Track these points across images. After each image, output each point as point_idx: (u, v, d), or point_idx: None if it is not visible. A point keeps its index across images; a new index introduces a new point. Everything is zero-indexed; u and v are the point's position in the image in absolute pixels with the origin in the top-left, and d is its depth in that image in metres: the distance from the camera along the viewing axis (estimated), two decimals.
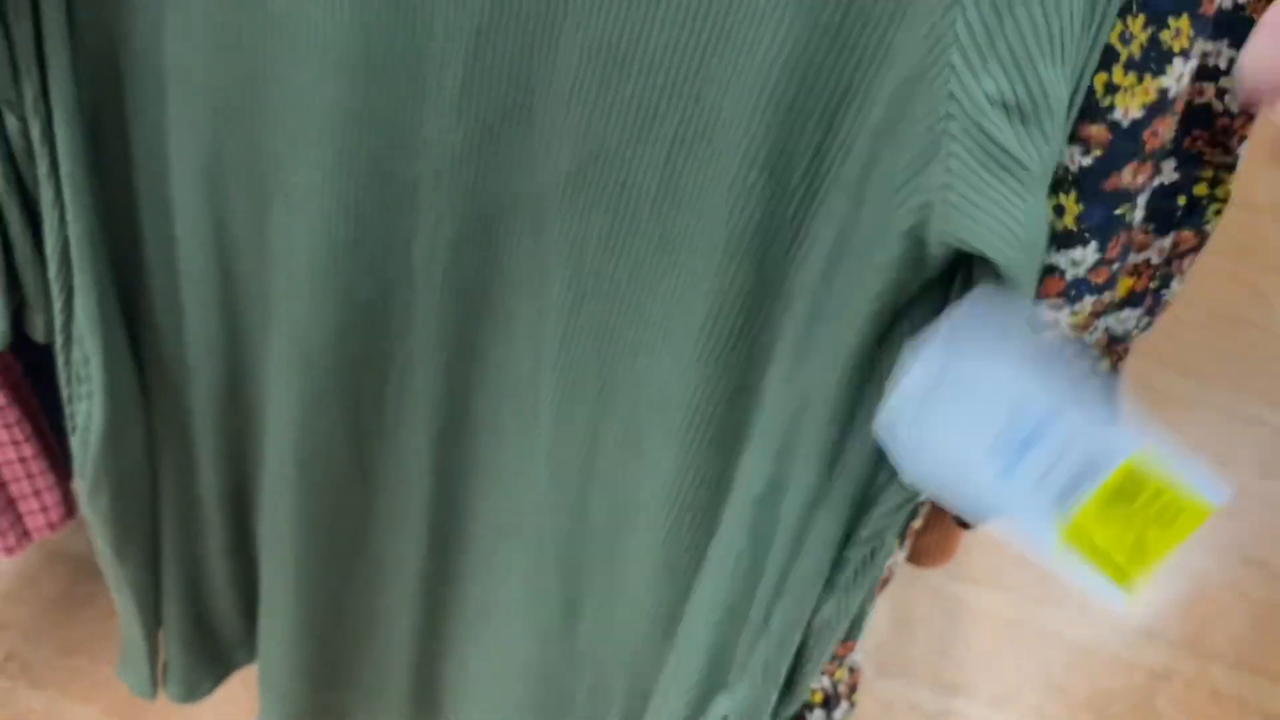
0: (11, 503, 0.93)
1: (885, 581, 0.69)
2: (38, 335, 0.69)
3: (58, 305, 0.64)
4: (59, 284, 0.63)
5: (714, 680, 0.60)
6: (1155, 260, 0.53)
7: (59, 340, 0.66)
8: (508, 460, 0.67)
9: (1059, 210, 0.46)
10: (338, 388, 0.65)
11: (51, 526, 0.98)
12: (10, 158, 0.60)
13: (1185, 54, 0.43)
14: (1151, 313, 0.56)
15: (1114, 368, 0.59)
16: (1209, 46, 0.46)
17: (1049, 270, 0.47)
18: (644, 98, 0.48)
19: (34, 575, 1.23)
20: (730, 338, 0.53)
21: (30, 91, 0.56)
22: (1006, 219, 0.42)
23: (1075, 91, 0.42)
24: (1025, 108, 0.41)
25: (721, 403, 0.55)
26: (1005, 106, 0.41)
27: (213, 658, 0.90)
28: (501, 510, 0.69)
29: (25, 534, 0.96)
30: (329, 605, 0.78)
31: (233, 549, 0.82)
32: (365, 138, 0.54)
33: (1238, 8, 0.45)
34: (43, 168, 0.59)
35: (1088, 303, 0.49)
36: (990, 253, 0.42)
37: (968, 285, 0.45)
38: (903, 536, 0.64)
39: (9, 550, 0.95)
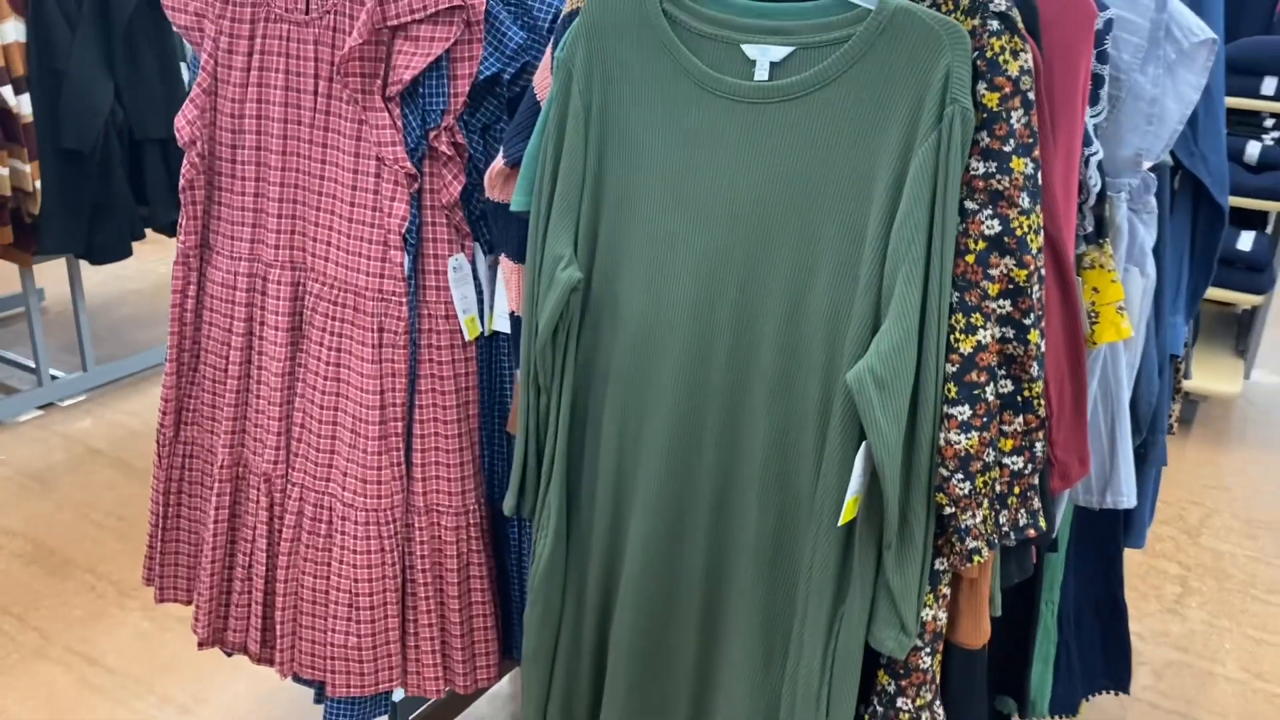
0: (474, 656, 1.65)
1: (935, 633, 1.26)
2: (524, 513, 1.47)
3: (542, 487, 1.43)
4: (546, 477, 1.42)
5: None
6: (1020, 429, 1.19)
7: (539, 506, 1.44)
8: (734, 585, 1.33)
9: (946, 387, 1.16)
10: (666, 541, 1.36)
11: (489, 679, 1.67)
12: (540, 418, 1.43)
13: (984, 328, 1.15)
14: (1032, 462, 1.20)
15: (1022, 496, 1.21)
16: (996, 330, 1.16)
17: (949, 416, 1.16)
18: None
19: None
20: None
21: (555, 386, 1.39)
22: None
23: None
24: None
25: None
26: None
27: None
28: (729, 611, 1.34)
29: (474, 681, 1.66)
30: (643, 689, 1.41)
31: (595, 665, 1.48)
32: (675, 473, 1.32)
33: (1019, 289, 1.16)
34: (564, 425, 1.40)
35: (974, 435, 1.16)
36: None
37: None
38: (935, 594, 1.23)
39: (466, 688, 1.65)
